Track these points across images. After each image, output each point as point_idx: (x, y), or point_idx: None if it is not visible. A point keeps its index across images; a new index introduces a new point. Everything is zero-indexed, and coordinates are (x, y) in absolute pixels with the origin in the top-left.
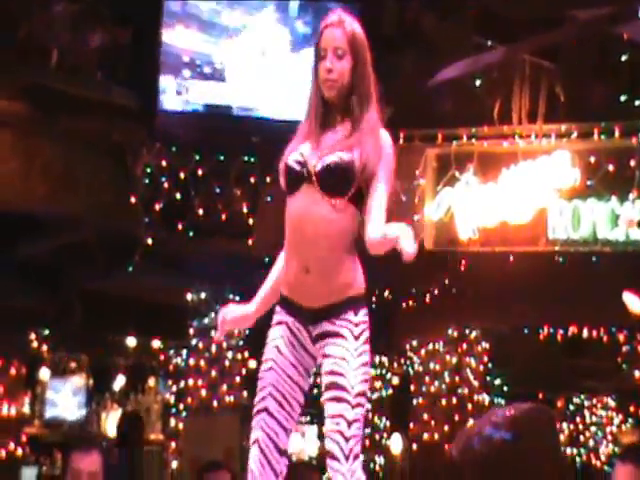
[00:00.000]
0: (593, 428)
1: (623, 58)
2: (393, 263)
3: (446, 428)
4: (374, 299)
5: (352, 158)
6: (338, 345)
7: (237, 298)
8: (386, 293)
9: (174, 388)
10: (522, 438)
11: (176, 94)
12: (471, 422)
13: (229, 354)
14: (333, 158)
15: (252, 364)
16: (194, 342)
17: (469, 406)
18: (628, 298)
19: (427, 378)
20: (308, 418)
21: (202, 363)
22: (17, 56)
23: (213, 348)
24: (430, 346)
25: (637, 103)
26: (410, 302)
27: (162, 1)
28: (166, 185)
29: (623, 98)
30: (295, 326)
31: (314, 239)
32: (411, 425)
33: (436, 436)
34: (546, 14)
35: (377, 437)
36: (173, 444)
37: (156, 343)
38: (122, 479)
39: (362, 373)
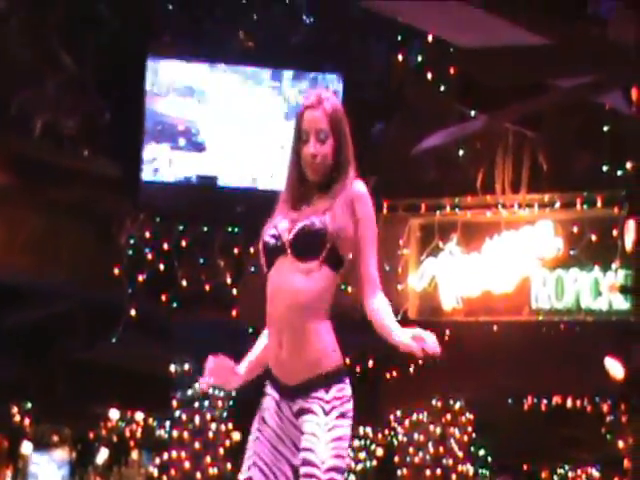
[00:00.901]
0: None
1: (605, 128)
2: (377, 333)
3: None
4: (358, 369)
5: (324, 219)
6: (309, 421)
7: None
8: (370, 363)
9: (157, 460)
10: None
11: (160, 165)
12: None
13: (213, 426)
14: (304, 222)
15: (236, 436)
16: (177, 414)
17: (453, 477)
18: (609, 363)
19: (411, 449)
20: None
21: (185, 435)
22: (1, 126)
23: (197, 420)
24: (414, 417)
25: (619, 173)
26: (394, 372)
27: (146, 70)
28: (150, 256)
29: (605, 168)
30: (282, 403)
31: (286, 310)
32: None
33: None
34: (528, 83)
35: None
36: None
37: (139, 415)
38: None
39: (333, 447)
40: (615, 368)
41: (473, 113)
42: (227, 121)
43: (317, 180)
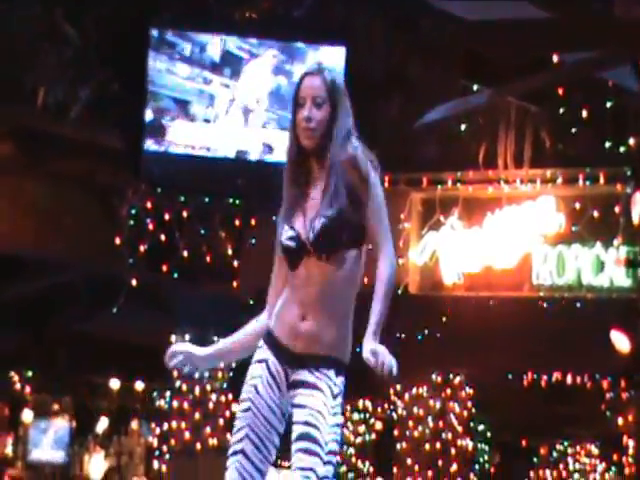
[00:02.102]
0: (576, 475)
1: (608, 104)
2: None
3: (430, 473)
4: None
5: (336, 210)
6: (315, 397)
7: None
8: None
9: (157, 431)
10: None
11: (162, 135)
12: (455, 467)
13: (213, 396)
14: (321, 222)
15: (236, 407)
16: (178, 384)
17: (452, 451)
18: (615, 336)
19: (411, 423)
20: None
21: (186, 405)
22: (3, 97)
23: (197, 390)
24: (414, 391)
25: (622, 150)
26: (395, 346)
27: (149, 40)
28: (151, 227)
29: (608, 144)
30: (275, 367)
31: (319, 296)
32: (394, 470)
33: None
34: (532, 57)
35: None
36: None
37: (139, 385)
38: None
39: (334, 432)
40: (621, 341)
41: (476, 88)
42: (230, 92)
43: (311, 146)
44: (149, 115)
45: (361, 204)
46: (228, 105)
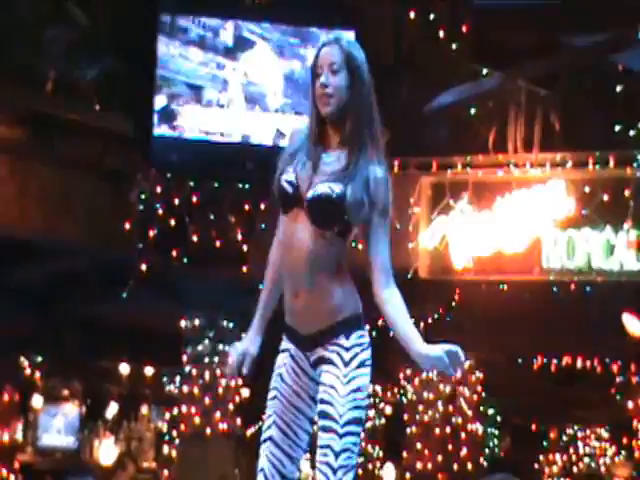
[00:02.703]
0: (586, 459)
1: (618, 88)
2: None
3: (439, 457)
4: (368, 327)
5: (343, 191)
6: (328, 372)
7: (231, 325)
8: (380, 321)
9: (167, 415)
10: None
11: (172, 120)
12: (465, 451)
13: (223, 381)
14: (324, 189)
15: (245, 392)
16: (188, 369)
17: (462, 435)
18: (627, 319)
19: (421, 407)
20: None
21: (196, 390)
22: (13, 82)
23: (207, 375)
24: (424, 375)
25: (632, 133)
26: None
27: (159, 23)
28: (161, 212)
29: (618, 128)
30: (297, 354)
31: (300, 264)
32: (404, 454)
33: (429, 465)
34: (543, 39)
35: (370, 467)
36: (166, 472)
37: (149, 370)
38: None
39: (352, 399)
40: (632, 325)
41: (486, 71)
42: (240, 76)
43: (329, 113)
44: (160, 100)
45: (364, 214)
46: (240, 89)
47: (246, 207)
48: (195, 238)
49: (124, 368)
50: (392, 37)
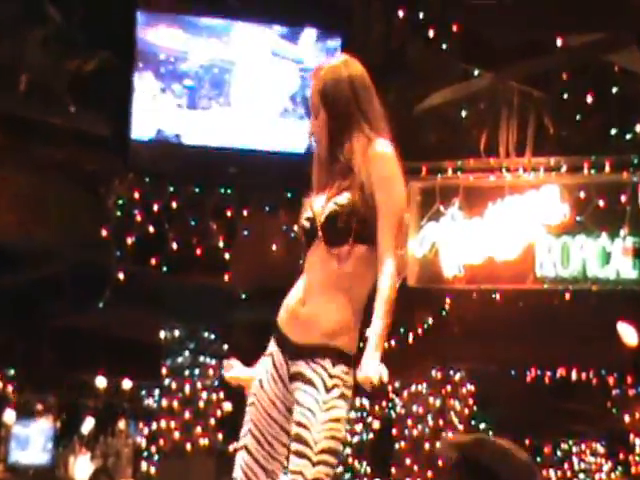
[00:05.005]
0: (582, 475)
1: (614, 89)
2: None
3: (429, 474)
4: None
5: (350, 199)
6: (307, 394)
7: (212, 336)
8: (366, 332)
9: (146, 430)
10: None
11: (151, 122)
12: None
13: (204, 395)
14: (330, 207)
15: (227, 406)
16: (167, 382)
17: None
18: (622, 329)
19: (410, 421)
20: None
21: (175, 404)
22: None
23: (187, 388)
24: (413, 388)
25: (628, 137)
26: (392, 342)
27: (136, 22)
28: (139, 217)
29: (614, 131)
30: (279, 360)
31: (316, 281)
32: (393, 470)
33: None
34: (535, 38)
35: None
36: None
37: (127, 383)
38: None
39: (329, 429)
40: (628, 335)
41: (477, 72)
42: (224, 79)
43: (322, 155)
44: (138, 100)
45: (373, 199)
46: (225, 90)
47: (228, 213)
48: (175, 245)
49: (100, 381)
50: (380, 37)
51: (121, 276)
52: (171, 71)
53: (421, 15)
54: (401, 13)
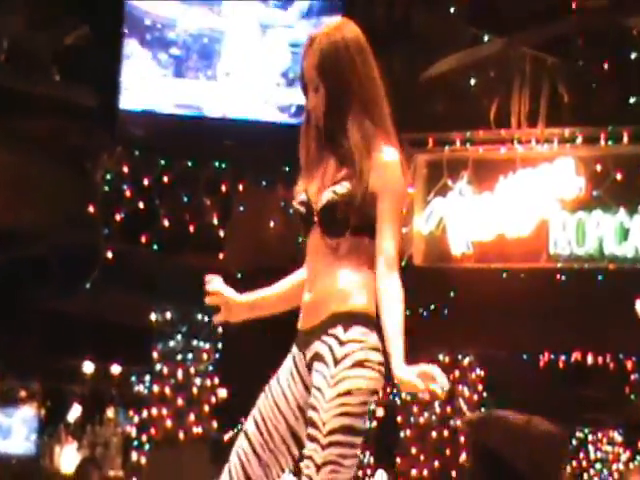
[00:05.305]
0: (598, 465)
1: (633, 55)
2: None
3: (436, 463)
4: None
5: (349, 190)
6: (317, 372)
7: (206, 319)
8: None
9: (136, 419)
10: None
11: (141, 92)
12: (464, 456)
13: (197, 381)
14: (328, 196)
15: (222, 392)
16: (158, 367)
17: (461, 439)
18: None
19: (415, 408)
20: None
21: (167, 390)
22: None
23: (179, 374)
24: None
25: None
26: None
27: None
28: (128, 193)
29: (633, 100)
30: (299, 357)
31: (319, 275)
32: (398, 460)
33: (425, 472)
34: (547, 0)
35: (360, 474)
36: None
37: (116, 368)
38: None
39: (338, 405)
40: None
41: (487, 37)
42: (214, 49)
43: (320, 133)
44: (128, 69)
45: (373, 200)
46: (217, 60)
47: (223, 188)
48: (166, 222)
49: (88, 366)
50: (385, 3)
51: (109, 256)
52: (158, 38)
53: None
54: None
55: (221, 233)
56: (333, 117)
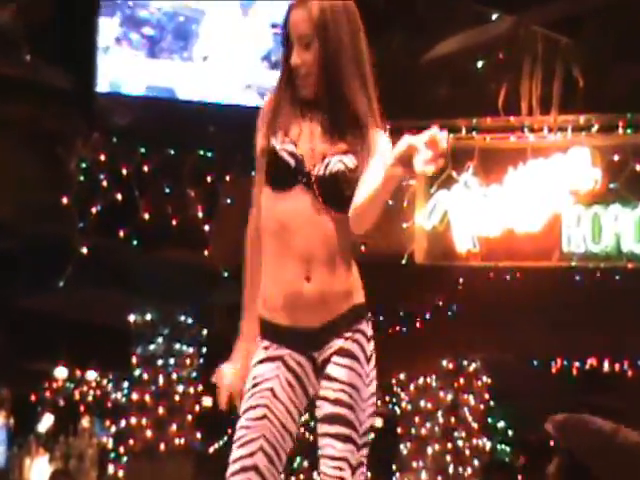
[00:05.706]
0: None
1: None
2: (377, 280)
3: (439, 478)
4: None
5: (356, 166)
6: (346, 367)
7: (189, 320)
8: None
9: (113, 429)
10: None
11: (119, 74)
12: (469, 471)
13: (179, 388)
14: (338, 165)
15: (207, 400)
16: (137, 373)
17: (467, 452)
18: None
19: (417, 419)
20: None
21: (147, 398)
22: None
23: (160, 380)
24: (421, 380)
25: None
26: (397, 327)
27: None
28: (105, 183)
29: None
30: (294, 360)
31: (317, 246)
32: (397, 475)
33: None
34: None
35: None
36: None
37: (91, 374)
38: None
39: (371, 405)
40: None
41: (495, 15)
42: (201, 27)
43: (308, 96)
44: (104, 50)
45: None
46: (202, 41)
47: (208, 179)
48: (147, 215)
49: (61, 372)
50: None
51: (84, 251)
52: (129, 16)
53: None
54: None
55: (206, 227)
56: (327, 74)
